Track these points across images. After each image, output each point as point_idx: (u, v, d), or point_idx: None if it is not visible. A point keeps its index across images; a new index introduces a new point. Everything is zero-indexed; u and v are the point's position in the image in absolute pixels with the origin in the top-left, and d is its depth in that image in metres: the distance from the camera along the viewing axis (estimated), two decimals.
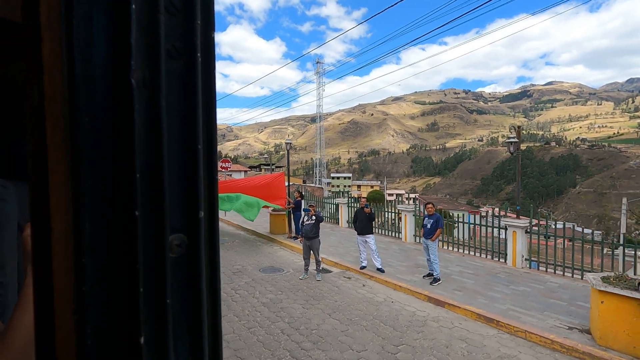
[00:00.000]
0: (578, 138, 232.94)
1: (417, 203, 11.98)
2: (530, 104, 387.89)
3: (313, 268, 7.73)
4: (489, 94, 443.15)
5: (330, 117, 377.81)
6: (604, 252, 7.28)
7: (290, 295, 6.50)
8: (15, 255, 0.94)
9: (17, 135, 1.11)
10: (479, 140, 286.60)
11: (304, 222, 7.64)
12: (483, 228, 9.62)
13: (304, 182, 50.87)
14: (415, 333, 5.06)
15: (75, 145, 0.29)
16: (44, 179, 0.30)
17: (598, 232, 7.69)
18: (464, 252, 9.59)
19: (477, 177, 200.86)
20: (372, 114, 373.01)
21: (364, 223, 7.94)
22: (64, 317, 0.29)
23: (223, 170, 17.90)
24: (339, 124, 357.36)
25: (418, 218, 10.94)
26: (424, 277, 7.36)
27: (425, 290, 6.58)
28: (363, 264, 8.01)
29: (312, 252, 7.56)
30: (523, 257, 8.13)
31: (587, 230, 8.77)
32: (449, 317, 5.71)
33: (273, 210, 11.92)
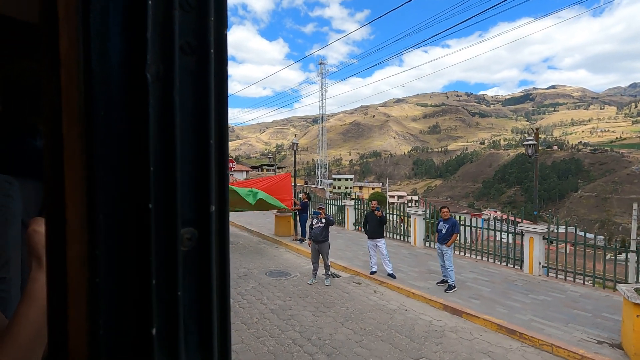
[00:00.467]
0: (580, 142, 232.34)
1: (428, 206, 11.82)
2: (533, 108, 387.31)
3: (321, 272, 7.55)
4: (491, 97, 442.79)
5: (332, 118, 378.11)
6: (607, 257, 7.23)
7: (300, 302, 6.32)
8: (19, 251, 0.94)
9: (22, 133, 1.11)
10: (481, 143, 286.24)
11: (313, 225, 7.42)
12: (488, 232, 9.53)
13: (306, 182, 50.86)
14: (434, 345, 4.83)
15: (91, 138, 0.29)
16: (60, 171, 0.30)
17: (600, 237, 7.64)
18: (477, 257, 9.36)
19: (478, 180, 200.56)
20: (374, 116, 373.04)
21: (375, 227, 7.72)
22: (77, 307, 0.30)
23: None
24: (341, 125, 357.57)
25: (428, 222, 10.74)
26: (438, 283, 7.13)
27: (441, 298, 6.34)
28: (373, 269, 7.77)
29: (321, 256, 7.37)
30: (540, 264, 7.91)
31: (589, 235, 8.69)
32: (468, 327, 5.47)
33: (278, 212, 11.82)
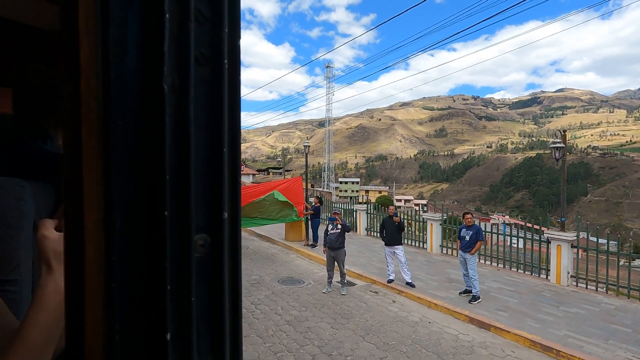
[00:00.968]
0: (589, 146, 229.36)
1: (445, 210, 11.49)
2: (540, 111, 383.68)
3: (336, 280, 7.32)
4: (498, 101, 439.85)
5: (338, 121, 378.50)
6: (621, 264, 7.07)
7: (316, 312, 6.03)
8: (30, 254, 0.96)
9: (33, 136, 1.13)
10: (488, 147, 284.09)
11: (329, 231, 7.14)
12: (504, 238, 9.32)
13: (312, 186, 50.87)
14: None
15: (109, 147, 0.30)
16: (79, 178, 0.31)
17: (613, 242, 7.49)
18: (498, 265, 8.97)
19: (485, 183, 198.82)
20: (379, 119, 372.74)
21: (393, 233, 7.47)
22: (94, 311, 0.31)
23: None
24: (347, 129, 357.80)
25: (446, 227, 10.43)
26: (461, 294, 6.79)
27: (465, 310, 5.99)
28: (390, 277, 7.50)
29: (336, 263, 7.12)
30: (569, 273, 7.55)
31: (602, 240, 8.52)
32: (498, 342, 5.16)
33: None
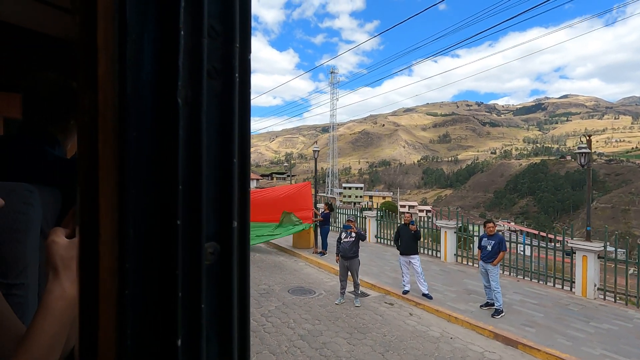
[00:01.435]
0: (595, 152, 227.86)
1: (459, 217, 10.97)
2: (545, 117, 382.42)
3: (348, 291, 7.01)
4: (502, 107, 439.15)
5: (342, 127, 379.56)
6: (630, 272, 6.94)
7: (330, 326, 5.73)
8: (37, 259, 0.97)
9: (42, 142, 1.15)
10: (492, 153, 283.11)
11: (342, 239, 6.83)
12: (523, 246, 9.13)
13: (316, 191, 50.65)
14: None
15: (124, 157, 0.31)
16: (95, 188, 0.32)
17: (621, 250, 7.38)
18: (517, 276, 8.60)
19: (489, 190, 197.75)
20: (383, 125, 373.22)
21: (409, 242, 7.14)
22: (107, 317, 0.32)
23: None
24: (350, 134, 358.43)
25: (461, 235, 10.12)
26: (482, 307, 6.45)
27: (489, 325, 5.66)
28: (406, 288, 7.18)
29: (350, 273, 6.81)
30: (595, 286, 7.19)
31: (609, 248, 8.33)
32: None
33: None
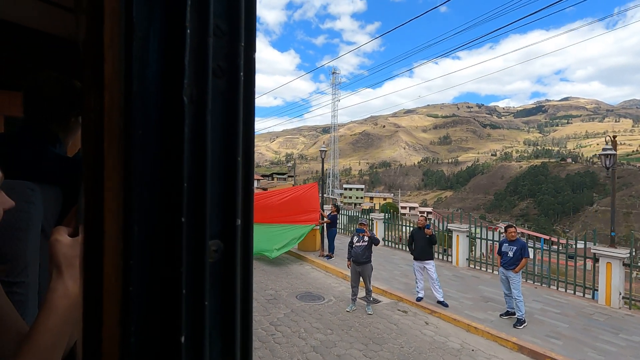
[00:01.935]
0: (595, 155, 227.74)
1: (472, 221, 10.71)
2: (545, 120, 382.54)
3: (359, 297, 6.78)
4: (503, 109, 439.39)
5: (342, 127, 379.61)
6: (634, 275, 6.94)
7: (343, 336, 5.45)
8: (37, 257, 0.97)
9: (43, 140, 1.15)
10: (492, 155, 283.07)
11: (354, 243, 6.57)
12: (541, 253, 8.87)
13: (323, 192, 50.55)
14: None
15: (129, 155, 0.32)
16: (100, 185, 0.32)
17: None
18: (535, 282, 8.19)
19: (490, 192, 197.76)
20: (383, 126, 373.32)
21: (424, 246, 6.83)
22: (111, 314, 0.32)
23: None
24: (351, 135, 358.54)
25: (474, 239, 9.80)
26: (502, 316, 6.15)
27: (512, 336, 5.36)
28: (419, 295, 6.90)
29: (361, 279, 6.56)
30: (620, 294, 6.94)
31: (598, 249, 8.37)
32: None
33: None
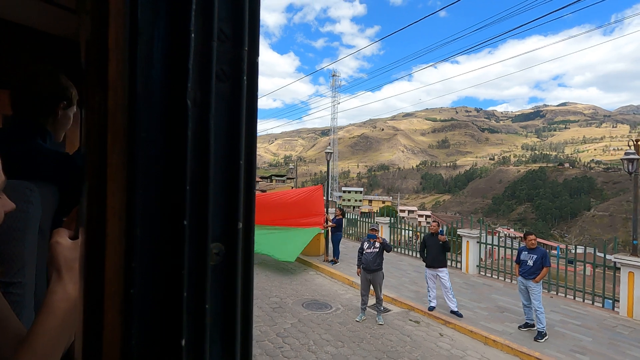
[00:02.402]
0: (592, 160, 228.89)
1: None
2: (543, 124, 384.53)
3: (369, 305, 6.60)
4: (501, 113, 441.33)
5: (341, 130, 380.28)
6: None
7: (356, 349, 5.12)
8: (35, 257, 0.96)
9: (32, 134, 1.13)
10: (490, 159, 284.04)
11: (365, 249, 6.31)
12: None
13: (328, 195, 50.51)
14: None
15: (133, 157, 0.32)
16: (103, 186, 0.32)
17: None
18: (550, 292, 7.83)
19: (487, 195, 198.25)
20: (382, 129, 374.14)
21: (437, 253, 6.54)
22: (112, 316, 0.32)
23: None
24: (349, 138, 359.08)
25: (485, 245, 9.49)
26: (521, 328, 5.86)
27: (534, 351, 5.05)
28: (432, 304, 6.60)
29: (372, 287, 6.33)
30: None
31: (609, 257, 8.22)
32: None
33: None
